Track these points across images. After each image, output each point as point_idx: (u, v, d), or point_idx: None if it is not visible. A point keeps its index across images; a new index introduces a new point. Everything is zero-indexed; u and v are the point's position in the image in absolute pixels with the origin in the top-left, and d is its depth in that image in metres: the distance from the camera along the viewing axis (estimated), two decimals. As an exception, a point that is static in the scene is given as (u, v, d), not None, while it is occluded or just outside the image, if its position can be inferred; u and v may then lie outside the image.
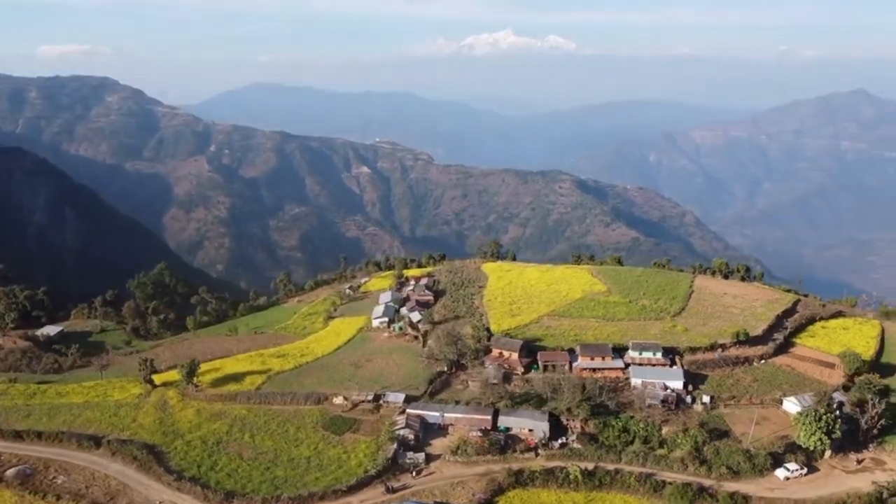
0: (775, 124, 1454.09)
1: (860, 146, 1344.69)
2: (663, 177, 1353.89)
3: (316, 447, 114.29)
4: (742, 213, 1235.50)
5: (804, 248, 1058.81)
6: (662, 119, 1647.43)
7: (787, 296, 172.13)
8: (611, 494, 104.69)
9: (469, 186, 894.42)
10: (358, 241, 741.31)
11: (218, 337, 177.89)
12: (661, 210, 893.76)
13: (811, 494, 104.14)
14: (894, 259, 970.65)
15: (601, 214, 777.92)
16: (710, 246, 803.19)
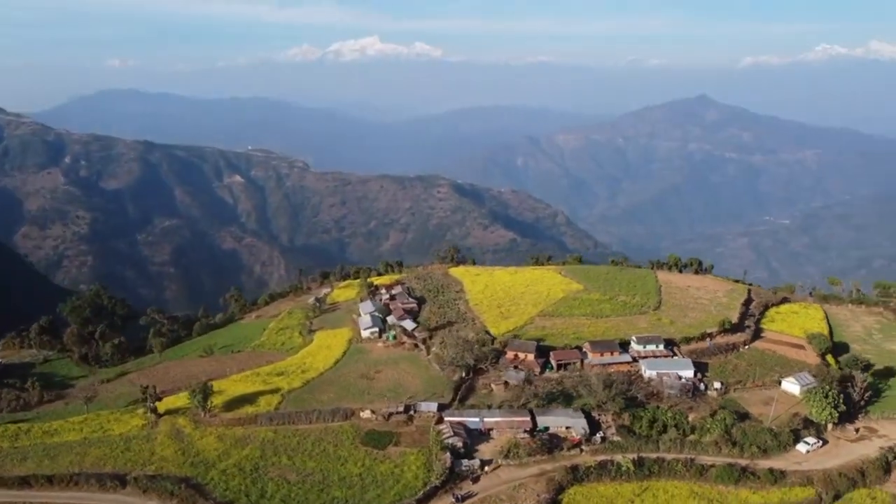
0: (631, 128, 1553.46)
1: (705, 147, 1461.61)
2: (531, 179, 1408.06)
3: (363, 463, 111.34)
4: (606, 212, 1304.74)
5: (663, 242, 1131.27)
6: (528, 124, 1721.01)
7: (741, 286, 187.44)
8: (660, 482, 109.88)
9: (347, 193, 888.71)
10: (235, 253, 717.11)
11: (193, 359, 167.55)
12: (535, 211, 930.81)
13: (832, 464, 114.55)
14: (738, 250, 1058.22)
15: (479, 217, 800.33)
16: (582, 244, 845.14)
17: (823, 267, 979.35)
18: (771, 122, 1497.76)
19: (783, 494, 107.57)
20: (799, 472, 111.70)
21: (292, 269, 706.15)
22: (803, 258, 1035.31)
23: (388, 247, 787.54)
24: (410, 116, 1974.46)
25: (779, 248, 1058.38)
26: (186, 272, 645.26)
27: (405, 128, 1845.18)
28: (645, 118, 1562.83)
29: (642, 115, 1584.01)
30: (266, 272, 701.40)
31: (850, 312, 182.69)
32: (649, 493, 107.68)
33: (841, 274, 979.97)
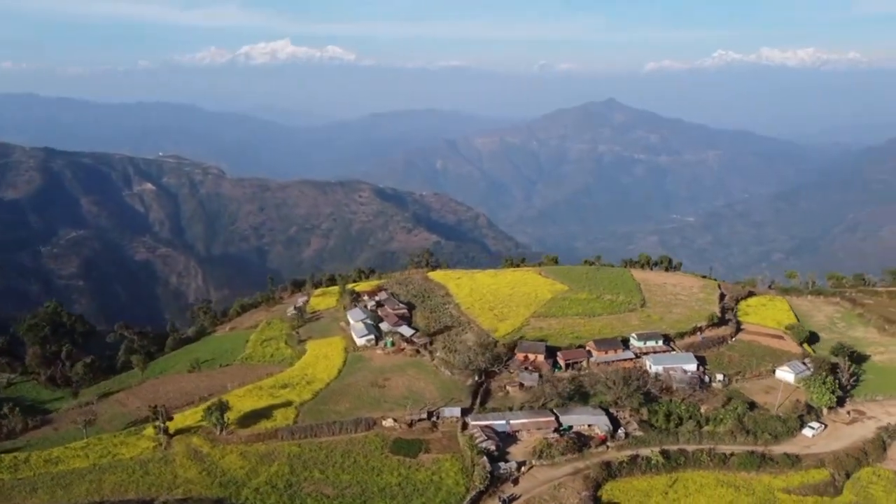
0: (543, 131, 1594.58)
1: (615, 149, 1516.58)
2: (450, 182, 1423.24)
3: (399, 473, 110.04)
4: (523, 213, 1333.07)
5: (577, 242, 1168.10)
6: (444, 127, 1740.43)
7: (711, 282, 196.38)
8: (687, 473, 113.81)
9: (266, 200, 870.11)
10: (149, 264, 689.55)
11: (180, 375, 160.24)
12: (456, 214, 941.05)
13: (837, 446, 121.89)
14: (648, 248, 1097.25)
15: (403, 221, 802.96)
16: (503, 245, 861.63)
17: (726, 263, 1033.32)
18: (675, 125, 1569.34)
19: (801, 477, 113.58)
20: (811, 456, 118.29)
21: (210, 279, 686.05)
22: (708, 254, 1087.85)
23: (311, 253, 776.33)
24: (327, 121, 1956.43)
25: (686, 245, 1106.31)
26: (97, 285, 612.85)
27: (322, 132, 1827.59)
28: (557, 121, 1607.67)
29: (554, 118, 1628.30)
30: (183, 283, 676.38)
31: (810, 303, 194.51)
32: (680, 485, 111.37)
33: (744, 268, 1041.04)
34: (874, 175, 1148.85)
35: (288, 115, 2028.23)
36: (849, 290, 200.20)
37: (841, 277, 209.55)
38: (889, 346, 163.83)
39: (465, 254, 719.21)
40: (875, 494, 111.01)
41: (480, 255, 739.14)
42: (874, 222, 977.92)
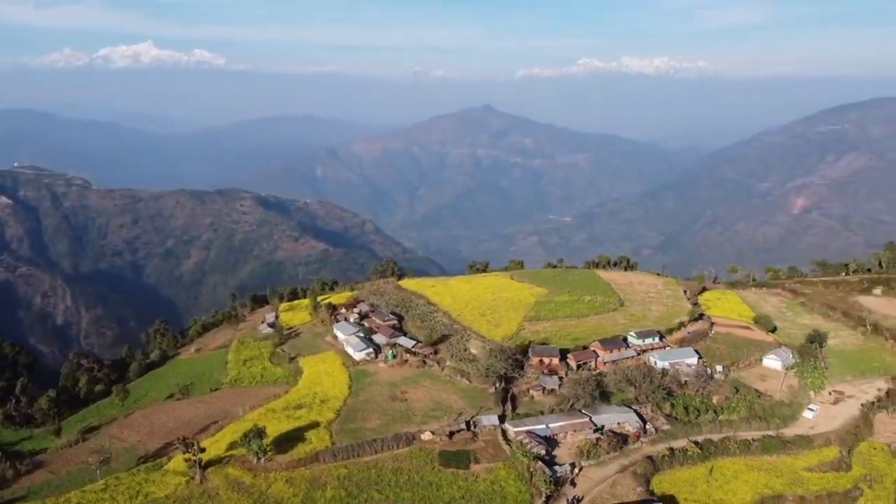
0: (424, 136, 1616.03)
1: (493, 153, 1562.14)
2: (332, 189, 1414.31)
3: (458, 485, 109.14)
4: (407, 218, 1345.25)
5: (461, 245, 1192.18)
6: (322, 134, 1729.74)
7: (670, 279, 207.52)
8: (720, 461, 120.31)
9: (140, 211, 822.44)
10: (9, 285, 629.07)
11: (171, 403, 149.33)
12: (343, 221, 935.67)
13: (835, 425, 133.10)
14: (530, 248, 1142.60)
15: (288, 230, 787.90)
16: (391, 251, 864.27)
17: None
18: (548, 129, 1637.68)
19: (816, 456, 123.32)
20: (818, 436, 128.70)
21: (80, 298, 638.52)
22: (584, 252, 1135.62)
23: (191, 266, 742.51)
24: (199, 128, 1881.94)
25: (563, 243, 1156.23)
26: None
27: (195, 140, 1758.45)
28: (436, 127, 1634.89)
29: (434, 123, 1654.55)
30: (49, 304, 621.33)
31: (755, 295, 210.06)
32: (717, 472, 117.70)
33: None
34: (727, 174, 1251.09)
35: (157, 122, 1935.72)
36: (786, 281, 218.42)
37: (778, 270, 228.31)
38: (837, 332, 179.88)
39: (355, 261, 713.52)
40: (879, 465, 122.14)
41: (370, 261, 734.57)
42: (730, 218, 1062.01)
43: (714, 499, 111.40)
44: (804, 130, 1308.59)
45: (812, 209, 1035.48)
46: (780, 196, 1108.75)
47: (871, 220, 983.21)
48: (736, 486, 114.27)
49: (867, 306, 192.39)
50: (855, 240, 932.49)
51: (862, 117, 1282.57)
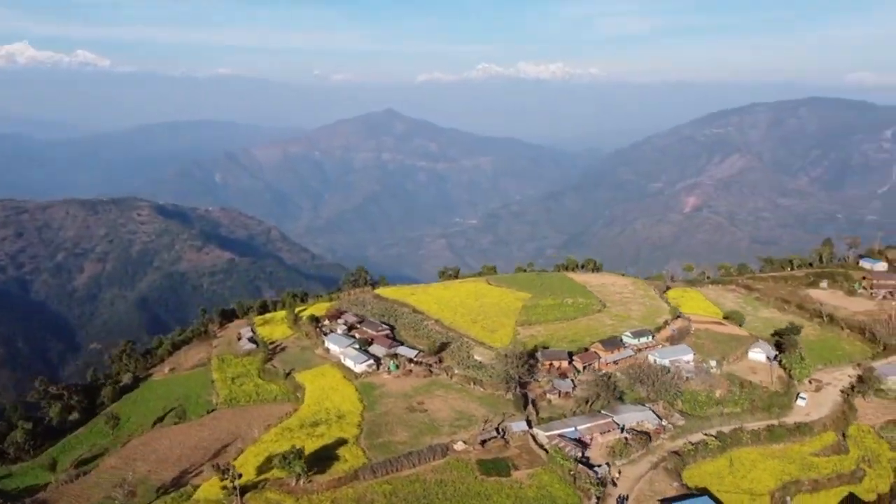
0: (326, 141, 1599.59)
1: (398, 157, 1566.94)
2: (233, 196, 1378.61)
3: (506, 493, 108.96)
4: (311, 224, 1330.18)
5: (368, 250, 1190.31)
6: (219, 139, 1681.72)
7: (638, 279, 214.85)
8: (736, 452, 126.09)
9: (24, 223, 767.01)
10: None
11: (169, 428, 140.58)
12: (247, 228, 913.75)
13: (825, 411, 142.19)
14: (438, 251, 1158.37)
15: (190, 239, 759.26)
16: (299, 258, 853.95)
17: (507, 259, 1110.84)
18: (452, 133, 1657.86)
19: (818, 442, 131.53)
20: (815, 422, 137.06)
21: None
22: (491, 253, 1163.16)
23: (85, 280, 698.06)
24: (87, 133, 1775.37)
25: (470, 245, 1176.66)
26: None
27: (83, 146, 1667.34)
28: (339, 131, 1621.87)
29: (336, 128, 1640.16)
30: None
31: (713, 292, 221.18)
32: (737, 463, 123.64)
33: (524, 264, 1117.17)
34: (624, 175, 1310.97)
35: (39, 128, 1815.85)
36: (739, 277, 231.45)
37: (729, 267, 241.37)
38: (795, 321, 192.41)
39: (262, 269, 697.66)
40: (871, 446, 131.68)
41: (278, 269, 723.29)
42: (628, 217, 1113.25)
43: (742, 488, 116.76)
44: (692, 133, 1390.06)
45: (702, 207, 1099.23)
46: (672, 195, 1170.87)
47: (753, 216, 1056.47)
48: (757, 474, 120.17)
49: (817, 298, 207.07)
50: (741, 235, 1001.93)
51: (741, 121, 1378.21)
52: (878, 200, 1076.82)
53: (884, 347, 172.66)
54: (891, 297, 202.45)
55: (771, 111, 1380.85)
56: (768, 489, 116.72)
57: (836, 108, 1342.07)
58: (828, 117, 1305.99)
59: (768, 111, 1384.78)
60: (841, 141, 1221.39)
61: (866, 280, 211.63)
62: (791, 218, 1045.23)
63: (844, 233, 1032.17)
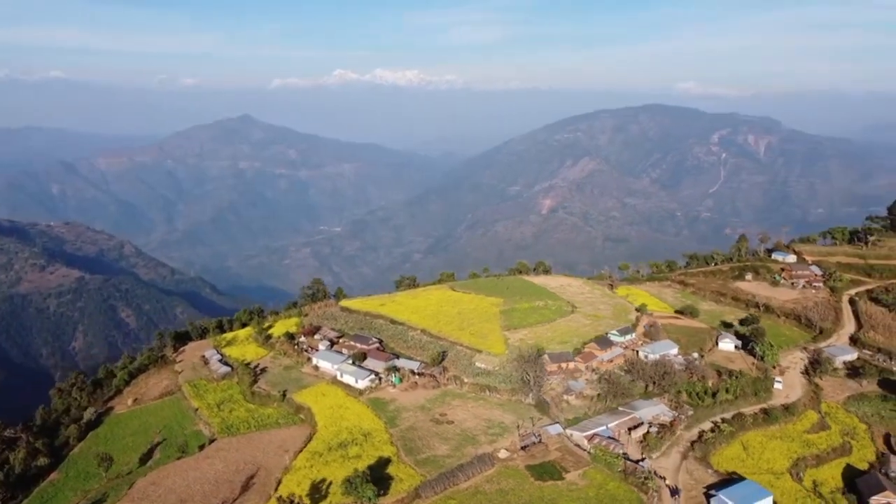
0: (178, 149, 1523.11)
1: (256, 165, 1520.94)
2: (73, 208, 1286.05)
3: (571, 497, 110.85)
4: (165, 237, 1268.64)
5: (228, 261, 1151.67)
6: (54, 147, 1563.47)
7: (587, 280, 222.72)
8: (744, 436, 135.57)
9: None
10: None
11: (173, 464, 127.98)
12: (97, 244, 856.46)
13: (799, 392, 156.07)
14: (303, 260, 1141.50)
15: (32, 258, 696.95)
16: (157, 273, 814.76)
17: (374, 266, 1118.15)
18: (312, 140, 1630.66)
19: (806, 421, 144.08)
20: (797, 404, 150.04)
21: None
22: (358, 260, 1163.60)
23: None
24: None
25: (336, 253, 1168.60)
26: None
27: None
28: (192, 138, 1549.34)
29: (189, 135, 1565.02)
30: None
31: (652, 288, 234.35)
32: (749, 446, 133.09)
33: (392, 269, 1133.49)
34: (483, 179, 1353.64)
35: None
36: (671, 274, 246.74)
37: (660, 264, 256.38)
38: (735, 313, 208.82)
39: (116, 287, 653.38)
40: (844, 420, 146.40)
41: (135, 287, 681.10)
42: (489, 219, 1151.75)
43: (763, 469, 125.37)
44: (545, 138, 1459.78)
45: (558, 208, 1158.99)
46: (530, 197, 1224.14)
47: (604, 216, 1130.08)
48: (770, 455, 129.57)
49: (746, 290, 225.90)
50: (595, 234, 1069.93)
51: (590, 127, 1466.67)
52: (710, 199, 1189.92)
53: (820, 331, 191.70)
54: (809, 286, 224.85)
55: (615, 117, 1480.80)
56: (784, 468, 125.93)
57: (670, 114, 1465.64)
58: (664, 123, 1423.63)
59: (613, 117, 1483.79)
60: (677, 145, 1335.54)
61: (785, 272, 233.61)
62: (637, 216, 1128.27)
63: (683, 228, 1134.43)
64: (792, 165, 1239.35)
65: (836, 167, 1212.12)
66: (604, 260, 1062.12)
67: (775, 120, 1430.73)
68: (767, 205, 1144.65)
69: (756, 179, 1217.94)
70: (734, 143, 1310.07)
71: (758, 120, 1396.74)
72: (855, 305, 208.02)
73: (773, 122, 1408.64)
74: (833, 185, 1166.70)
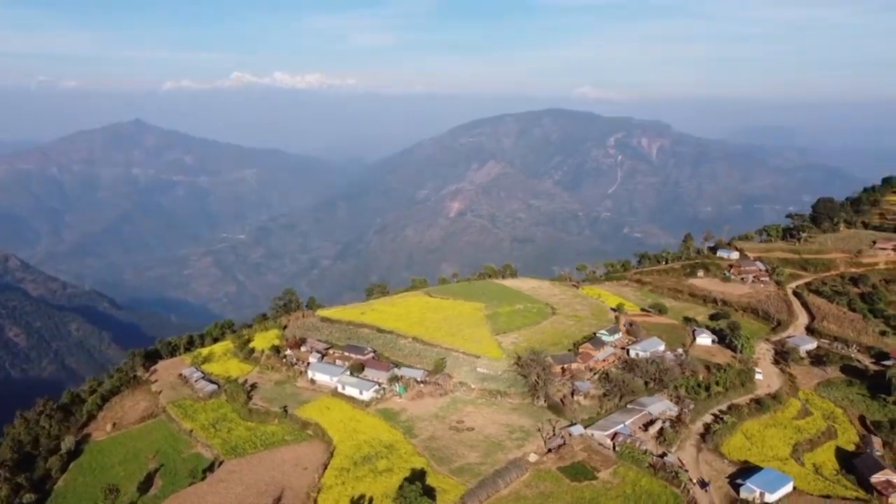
0: (64, 155, 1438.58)
1: (150, 171, 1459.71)
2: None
3: (611, 495, 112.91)
4: (52, 249, 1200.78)
5: (125, 273, 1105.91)
6: None
7: (553, 281, 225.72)
8: (743, 425, 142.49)
9: None
10: None
11: (186, 491, 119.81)
12: None
13: (778, 382, 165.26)
14: (205, 269, 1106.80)
15: None
16: (47, 288, 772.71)
17: (280, 273, 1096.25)
18: (210, 145, 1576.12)
19: (793, 408, 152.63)
20: (781, 393, 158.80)
21: None
22: (263, 267, 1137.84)
23: None
24: None
25: (241, 261, 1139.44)
26: None
27: None
28: (79, 144, 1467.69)
29: (75, 140, 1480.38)
30: None
31: (612, 287, 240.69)
32: (750, 434, 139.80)
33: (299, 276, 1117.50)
34: (391, 184, 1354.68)
35: None
36: (626, 273, 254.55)
37: (615, 264, 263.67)
38: (694, 308, 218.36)
39: (3, 304, 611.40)
40: (822, 405, 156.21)
41: (24, 303, 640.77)
42: (398, 224, 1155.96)
43: (769, 456, 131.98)
44: (451, 142, 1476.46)
45: (466, 211, 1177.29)
46: (438, 201, 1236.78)
47: (511, 217, 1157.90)
48: (770, 442, 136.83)
49: (700, 286, 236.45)
50: (502, 235, 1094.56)
51: (494, 130, 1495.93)
52: (609, 199, 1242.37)
53: (778, 323, 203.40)
54: (757, 280, 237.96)
55: (518, 121, 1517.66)
56: (787, 454, 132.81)
57: (570, 118, 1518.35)
58: (565, 127, 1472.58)
59: (516, 121, 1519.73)
60: (577, 147, 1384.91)
61: (734, 268, 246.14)
62: (543, 217, 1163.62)
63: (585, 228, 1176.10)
64: (682, 167, 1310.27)
65: (721, 168, 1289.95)
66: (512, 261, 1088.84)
67: (665, 124, 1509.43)
68: (661, 205, 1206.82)
69: (650, 181, 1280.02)
70: (629, 145, 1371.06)
71: (650, 124, 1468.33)
72: (801, 298, 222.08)
73: (663, 126, 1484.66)
74: (719, 185, 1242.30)
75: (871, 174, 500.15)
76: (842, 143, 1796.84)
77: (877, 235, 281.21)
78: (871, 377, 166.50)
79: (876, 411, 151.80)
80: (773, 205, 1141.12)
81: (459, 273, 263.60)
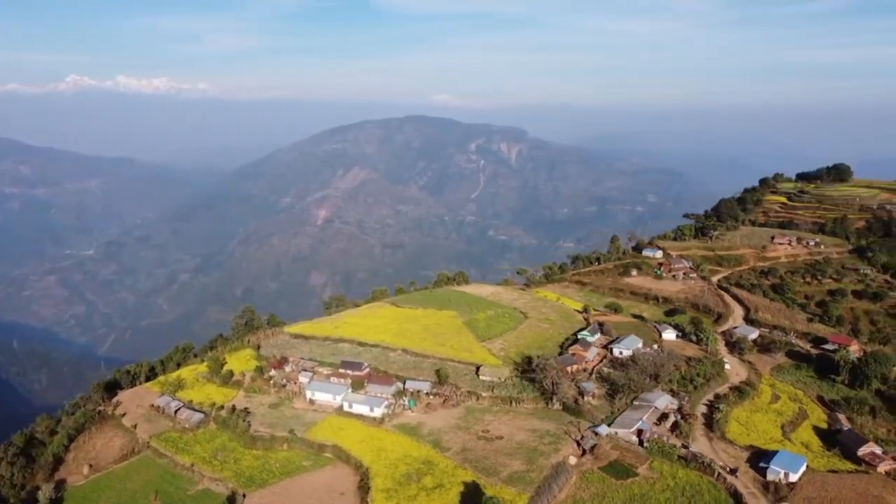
0: None
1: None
2: None
3: (659, 489, 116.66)
4: None
5: None
6: None
7: (514, 285, 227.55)
8: (733, 412, 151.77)
9: None
10: None
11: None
12: None
13: (744, 370, 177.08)
14: (48, 290, 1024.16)
15: None
16: None
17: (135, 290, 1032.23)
18: (48, 154, 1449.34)
19: (766, 395, 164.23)
20: (750, 382, 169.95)
21: None
22: (116, 285, 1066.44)
23: None
24: None
25: (90, 279, 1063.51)
26: None
27: None
28: None
29: None
30: None
31: (557, 289, 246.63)
32: (742, 419, 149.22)
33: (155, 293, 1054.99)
34: (251, 191, 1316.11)
35: None
36: (566, 274, 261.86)
37: (553, 266, 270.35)
38: (638, 306, 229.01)
39: None
40: (785, 390, 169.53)
41: None
42: (263, 232, 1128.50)
43: (767, 439, 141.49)
44: (312, 149, 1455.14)
45: (333, 218, 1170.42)
46: (303, 209, 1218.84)
47: (380, 223, 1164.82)
48: (761, 426, 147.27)
49: (637, 284, 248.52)
50: (372, 241, 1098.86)
51: (357, 137, 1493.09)
52: (472, 203, 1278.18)
53: (718, 316, 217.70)
54: (687, 277, 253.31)
55: (380, 128, 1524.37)
56: (779, 436, 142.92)
57: (431, 125, 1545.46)
58: (427, 133, 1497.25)
59: (378, 128, 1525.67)
60: (440, 153, 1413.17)
61: (664, 266, 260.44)
62: (410, 222, 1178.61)
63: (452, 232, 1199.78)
64: (539, 171, 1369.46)
65: (575, 172, 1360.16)
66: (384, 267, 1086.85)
67: (522, 129, 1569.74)
68: (522, 207, 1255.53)
69: (511, 184, 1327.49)
70: (490, 150, 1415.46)
71: (508, 129, 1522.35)
72: (729, 291, 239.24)
73: (521, 132, 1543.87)
74: (573, 188, 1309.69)
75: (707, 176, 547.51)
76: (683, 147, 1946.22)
77: (772, 232, 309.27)
78: (815, 360, 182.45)
79: (828, 391, 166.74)
80: (622, 206, 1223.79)
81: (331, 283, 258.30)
